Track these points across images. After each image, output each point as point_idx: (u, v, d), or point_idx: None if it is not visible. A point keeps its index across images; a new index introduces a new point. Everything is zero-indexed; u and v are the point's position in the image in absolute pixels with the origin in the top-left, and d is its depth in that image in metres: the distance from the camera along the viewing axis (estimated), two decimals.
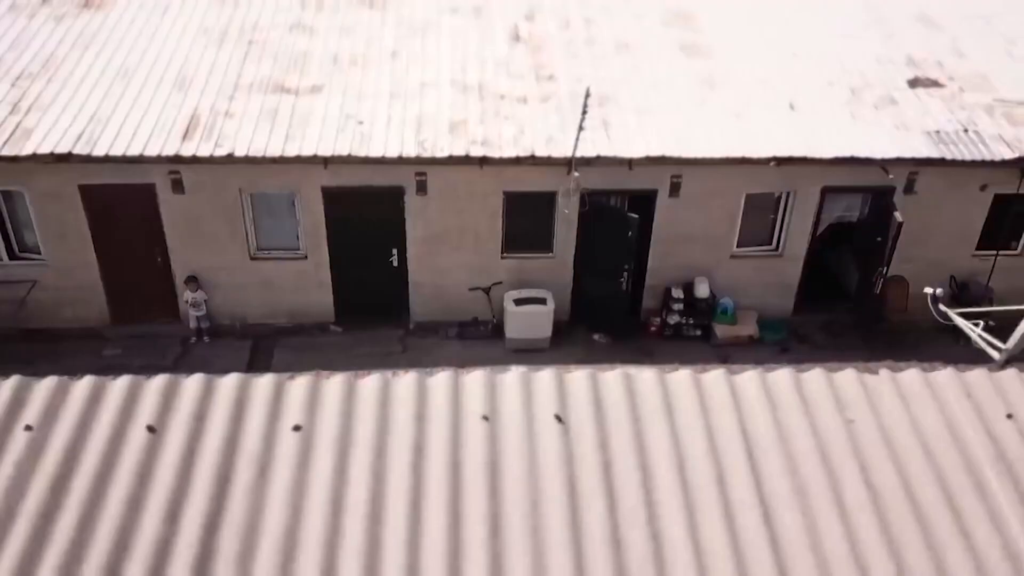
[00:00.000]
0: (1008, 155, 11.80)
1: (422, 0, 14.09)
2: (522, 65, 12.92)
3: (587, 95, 10.47)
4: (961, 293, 13.00)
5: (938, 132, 12.10)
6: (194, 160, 10.87)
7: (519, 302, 12.24)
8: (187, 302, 12.12)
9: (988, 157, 11.78)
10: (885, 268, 12.23)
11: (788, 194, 12.37)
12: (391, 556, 3.67)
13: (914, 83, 13.07)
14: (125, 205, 11.55)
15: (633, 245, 11.99)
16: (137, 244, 11.85)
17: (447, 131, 11.51)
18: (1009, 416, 4.14)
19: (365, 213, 11.93)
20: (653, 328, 12.92)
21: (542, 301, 12.24)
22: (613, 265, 12.15)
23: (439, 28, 13.60)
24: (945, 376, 4.46)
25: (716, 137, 11.80)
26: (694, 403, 4.34)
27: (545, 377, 4.60)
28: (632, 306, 12.95)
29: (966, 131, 12.16)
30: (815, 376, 3.95)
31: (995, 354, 5.37)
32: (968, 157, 11.75)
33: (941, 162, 11.71)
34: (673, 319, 12.74)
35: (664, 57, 13.30)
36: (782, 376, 4.03)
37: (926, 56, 13.69)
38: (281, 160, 10.95)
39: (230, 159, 10.87)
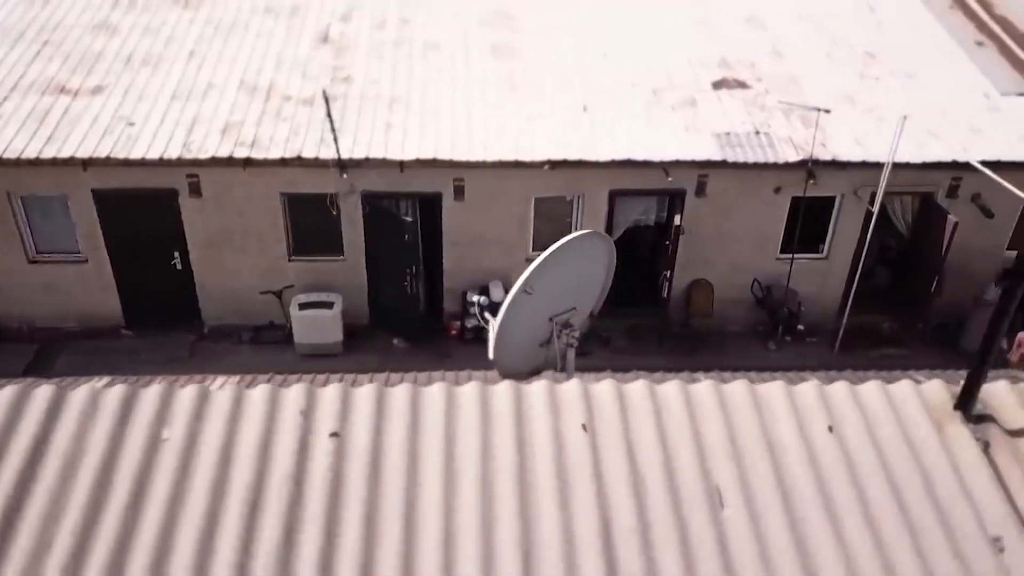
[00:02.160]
0: (792, 157, 11.65)
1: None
2: (321, 66, 12.75)
3: (325, 97, 10.31)
4: (765, 297, 12.89)
5: (728, 134, 11.96)
6: None
7: (306, 306, 12.07)
8: None
9: (772, 159, 11.63)
10: (669, 272, 12.07)
11: (578, 197, 12.21)
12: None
13: (719, 84, 12.92)
14: None
15: (413, 248, 11.82)
16: None
17: (219, 132, 11.35)
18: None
19: (141, 215, 11.75)
20: (453, 332, 12.76)
21: (329, 305, 12.08)
22: (398, 268, 12.00)
23: (246, 28, 13.45)
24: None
25: (501, 139, 11.65)
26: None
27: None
28: (433, 309, 12.81)
29: (757, 133, 12.01)
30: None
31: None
32: (751, 159, 11.61)
33: (723, 164, 11.57)
34: (471, 322, 12.57)
35: (471, 58, 13.16)
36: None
37: (741, 57, 13.55)
38: (38, 162, 10.78)
39: None
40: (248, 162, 11.01)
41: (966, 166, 11.27)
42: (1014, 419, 3.95)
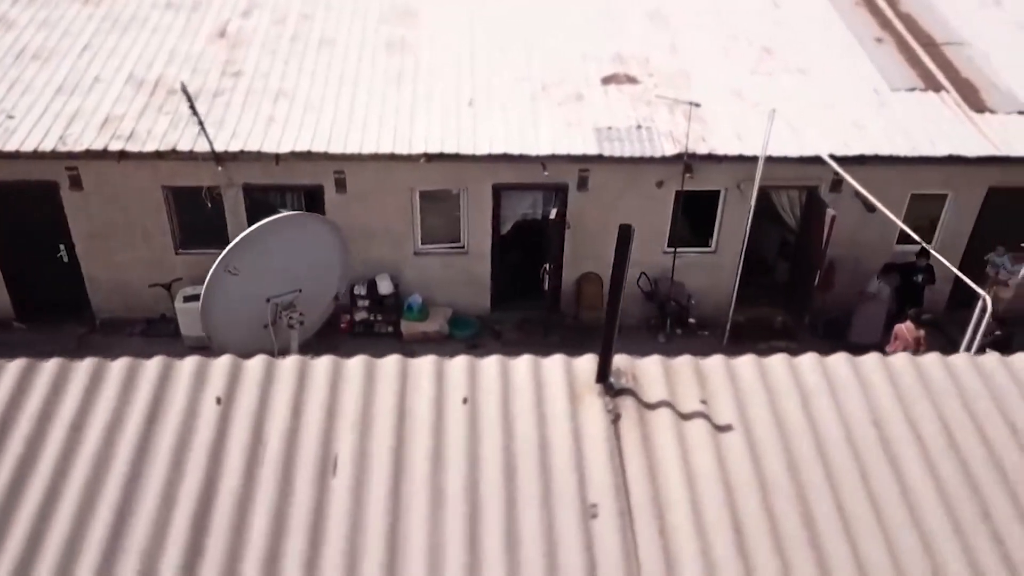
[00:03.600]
0: (670, 151, 11.76)
1: None
2: (213, 61, 12.83)
3: (184, 90, 10.40)
4: (652, 291, 12.99)
5: (609, 128, 12.06)
6: None
7: (191, 298, 12.13)
8: None
9: (649, 153, 11.74)
10: (550, 265, 12.18)
11: (464, 191, 12.31)
12: None
13: (608, 80, 13.02)
14: None
15: None
16: None
17: (98, 126, 11.43)
18: None
19: (24, 208, 11.84)
20: (344, 325, 12.83)
21: None
22: None
23: (144, 23, 13.53)
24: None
25: (381, 133, 11.73)
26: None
27: None
28: None
29: (639, 127, 12.12)
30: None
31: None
32: (628, 153, 11.71)
33: (599, 158, 11.67)
34: (360, 316, 12.66)
35: (364, 54, 13.25)
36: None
37: (636, 53, 13.65)
38: None
39: None
40: (123, 155, 11.09)
41: (817, 160, 11.31)
42: (653, 393, 4.07)
